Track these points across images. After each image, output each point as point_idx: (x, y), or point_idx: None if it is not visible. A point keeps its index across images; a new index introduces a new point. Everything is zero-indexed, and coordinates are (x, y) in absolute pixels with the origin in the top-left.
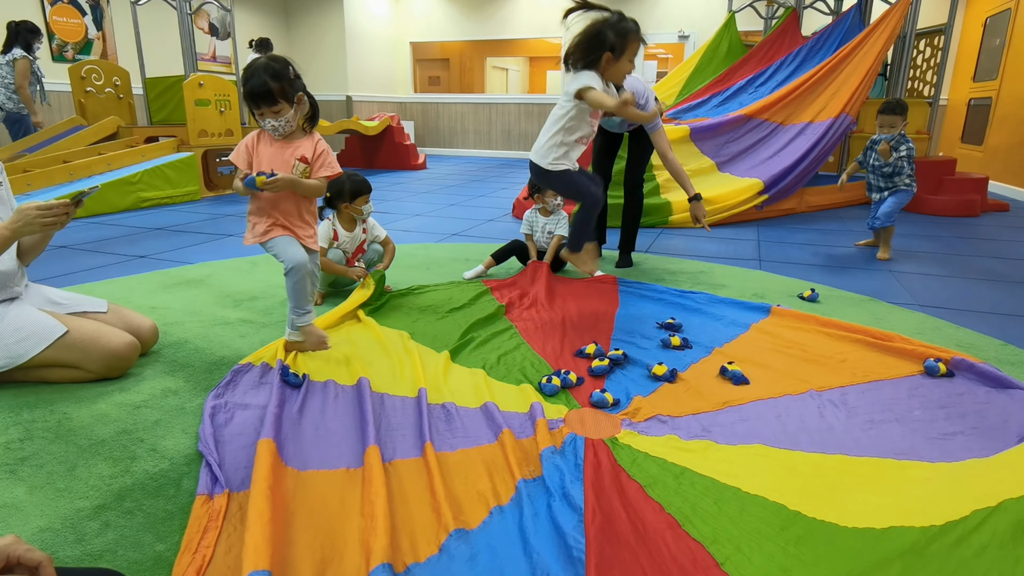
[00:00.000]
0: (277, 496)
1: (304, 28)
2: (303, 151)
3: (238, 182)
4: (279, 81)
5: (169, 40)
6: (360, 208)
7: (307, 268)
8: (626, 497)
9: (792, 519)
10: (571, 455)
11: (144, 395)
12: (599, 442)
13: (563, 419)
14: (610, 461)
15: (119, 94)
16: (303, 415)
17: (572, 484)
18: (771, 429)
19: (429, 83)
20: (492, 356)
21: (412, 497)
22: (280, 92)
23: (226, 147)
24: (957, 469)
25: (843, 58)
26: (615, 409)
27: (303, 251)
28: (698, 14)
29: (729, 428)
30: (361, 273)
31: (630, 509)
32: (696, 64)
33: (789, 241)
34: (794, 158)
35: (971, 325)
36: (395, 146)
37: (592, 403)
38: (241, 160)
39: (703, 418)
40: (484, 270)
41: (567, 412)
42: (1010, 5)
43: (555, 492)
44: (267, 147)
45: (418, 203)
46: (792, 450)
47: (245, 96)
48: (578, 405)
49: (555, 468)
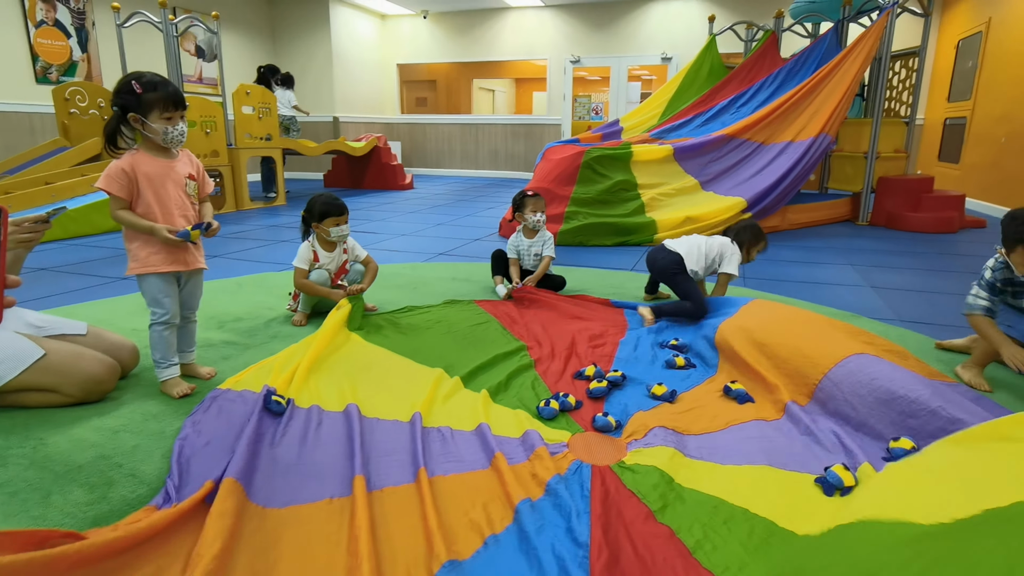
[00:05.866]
0: (231, 537)
1: (291, 50)
2: (187, 168)
3: (166, 235)
4: None
5: (155, 62)
6: (328, 230)
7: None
8: (635, 527)
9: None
10: (576, 485)
11: (123, 419)
12: (606, 469)
13: (567, 444)
14: (618, 488)
15: (103, 116)
16: (281, 446)
17: (579, 517)
18: (777, 448)
19: (416, 104)
20: (500, 377)
21: (403, 527)
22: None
23: (211, 168)
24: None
25: (821, 79)
26: (619, 432)
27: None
28: (680, 37)
29: (734, 447)
30: (342, 295)
31: (639, 541)
32: (679, 85)
33: (773, 259)
34: (776, 176)
35: (937, 334)
36: (382, 166)
37: (596, 428)
38: (123, 189)
39: (704, 438)
40: (505, 288)
41: (570, 437)
42: (981, 29)
43: (558, 523)
44: (151, 168)
45: (405, 223)
46: (799, 472)
47: (162, 100)
48: (581, 429)
49: (559, 498)
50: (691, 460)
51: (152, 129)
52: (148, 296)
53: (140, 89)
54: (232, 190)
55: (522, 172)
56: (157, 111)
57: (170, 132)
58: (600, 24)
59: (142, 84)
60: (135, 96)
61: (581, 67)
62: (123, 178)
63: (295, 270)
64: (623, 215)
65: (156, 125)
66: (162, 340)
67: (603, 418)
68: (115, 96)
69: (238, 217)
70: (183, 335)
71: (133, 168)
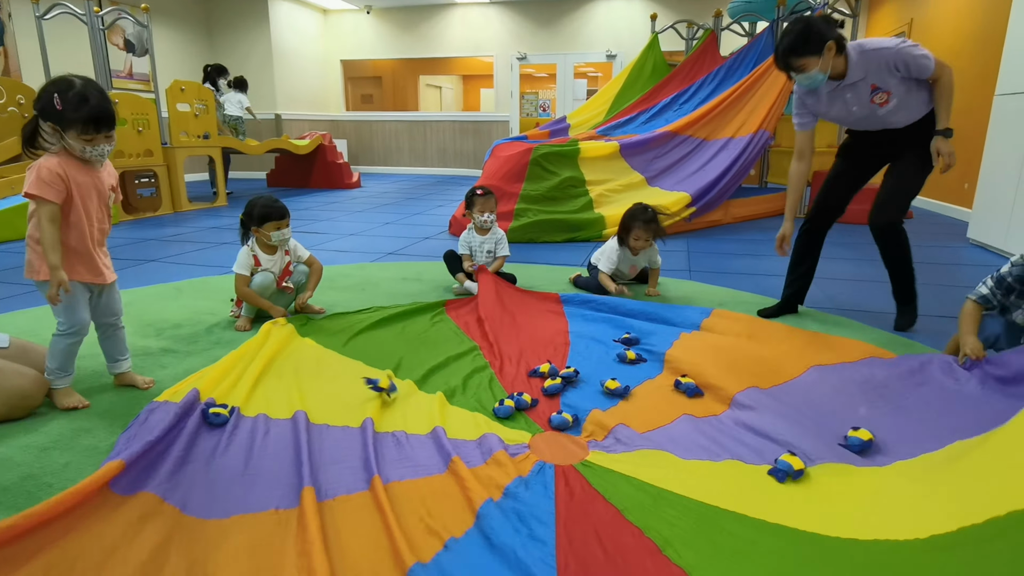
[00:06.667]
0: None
1: (228, 44)
2: (110, 179)
3: (59, 284)
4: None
5: (80, 56)
6: (268, 234)
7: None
8: (603, 526)
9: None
10: (540, 485)
11: (52, 436)
12: (570, 468)
13: (527, 445)
14: (583, 487)
15: (23, 113)
16: (226, 456)
17: (544, 518)
18: (734, 441)
19: (362, 101)
20: (456, 379)
21: (359, 537)
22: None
23: (144, 168)
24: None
25: (759, 77)
26: (577, 429)
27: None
28: (624, 34)
29: (690, 442)
30: (283, 312)
31: (607, 541)
32: (624, 82)
33: (717, 251)
34: (718, 172)
35: (882, 326)
36: (328, 165)
37: (553, 427)
38: (58, 194)
39: (659, 433)
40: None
41: (531, 438)
42: (904, 29)
43: (521, 526)
44: (80, 176)
45: (353, 222)
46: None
47: (82, 122)
48: (540, 428)
49: (522, 501)
50: (651, 457)
51: (70, 145)
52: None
53: (60, 106)
54: (168, 191)
55: (471, 169)
56: (75, 131)
57: (89, 152)
58: (546, 21)
59: (64, 100)
60: (55, 112)
61: (528, 64)
62: (59, 183)
63: (236, 277)
64: (572, 211)
65: (74, 143)
66: (62, 352)
67: (559, 416)
68: (36, 100)
69: (176, 219)
70: (112, 343)
71: (65, 172)
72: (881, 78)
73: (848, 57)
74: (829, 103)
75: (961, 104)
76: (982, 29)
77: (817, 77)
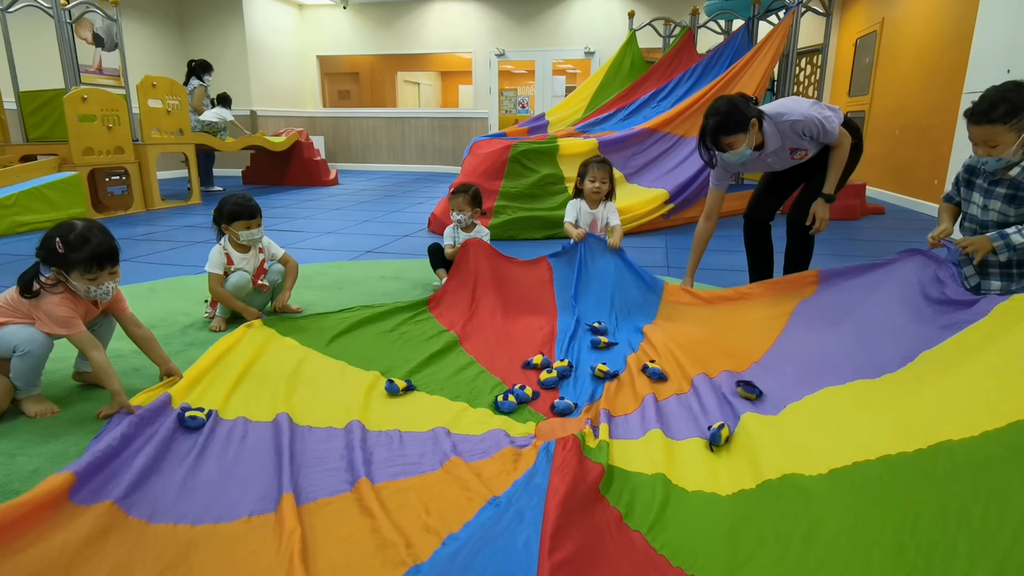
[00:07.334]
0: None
1: (201, 39)
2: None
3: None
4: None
5: (47, 50)
6: (237, 233)
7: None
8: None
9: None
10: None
11: (20, 441)
12: (571, 438)
13: (533, 435)
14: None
15: None
16: (200, 461)
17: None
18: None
19: (339, 97)
20: (442, 375)
21: (339, 541)
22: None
23: (115, 165)
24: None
25: (735, 74)
26: (577, 413)
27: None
28: (602, 31)
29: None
30: (257, 314)
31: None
32: (602, 80)
33: None
34: (696, 168)
35: None
36: (304, 162)
37: (556, 412)
38: (80, 320)
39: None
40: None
41: (536, 426)
42: (876, 28)
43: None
44: (80, 307)
45: (330, 220)
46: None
47: (84, 262)
48: (543, 417)
49: (524, 496)
50: (631, 440)
51: (74, 287)
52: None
53: (63, 249)
54: (140, 189)
55: (450, 166)
56: (79, 271)
57: (92, 292)
58: (524, 18)
59: (66, 243)
60: (58, 256)
61: (506, 60)
62: (72, 311)
63: (209, 276)
64: (551, 208)
65: (79, 284)
66: (27, 371)
67: (562, 402)
68: (39, 248)
69: (148, 217)
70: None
71: (72, 301)
72: (796, 142)
73: (764, 131)
74: (752, 165)
75: (931, 101)
76: (952, 28)
77: (745, 153)
